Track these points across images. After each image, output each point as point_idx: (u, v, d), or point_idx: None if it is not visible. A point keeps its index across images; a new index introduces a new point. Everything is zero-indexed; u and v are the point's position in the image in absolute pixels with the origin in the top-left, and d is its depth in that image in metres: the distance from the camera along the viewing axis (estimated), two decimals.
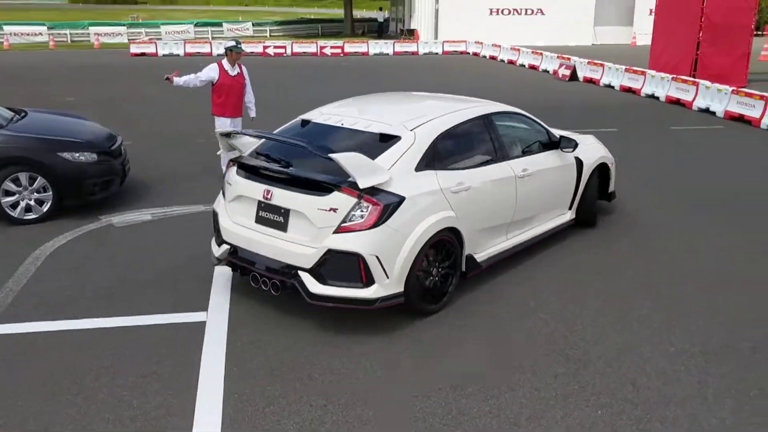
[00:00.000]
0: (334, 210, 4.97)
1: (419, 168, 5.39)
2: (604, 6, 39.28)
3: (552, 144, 6.91)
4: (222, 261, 5.71)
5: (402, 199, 5.06)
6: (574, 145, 7.03)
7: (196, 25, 44.57)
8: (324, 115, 6.23)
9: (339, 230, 4.96)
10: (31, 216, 7.65)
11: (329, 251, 4.97)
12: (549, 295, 5.87)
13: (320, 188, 5.05)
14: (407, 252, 5.08)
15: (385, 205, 4.97)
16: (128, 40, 38.16)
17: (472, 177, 5.76)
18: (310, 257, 5.03)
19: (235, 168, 5.71)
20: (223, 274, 6.13)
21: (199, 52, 31.82)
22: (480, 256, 5.94)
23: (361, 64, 28.32)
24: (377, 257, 4.96)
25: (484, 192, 5.84)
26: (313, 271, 5.03)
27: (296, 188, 5.16)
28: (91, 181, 7.84)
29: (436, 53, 33.97)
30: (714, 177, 10.16)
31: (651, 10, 28.54)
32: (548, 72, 24.49)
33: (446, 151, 5.72)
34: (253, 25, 47.32)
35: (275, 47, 32.55)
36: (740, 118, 14.74)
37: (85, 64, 27.05)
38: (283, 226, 5.25)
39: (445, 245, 5.46)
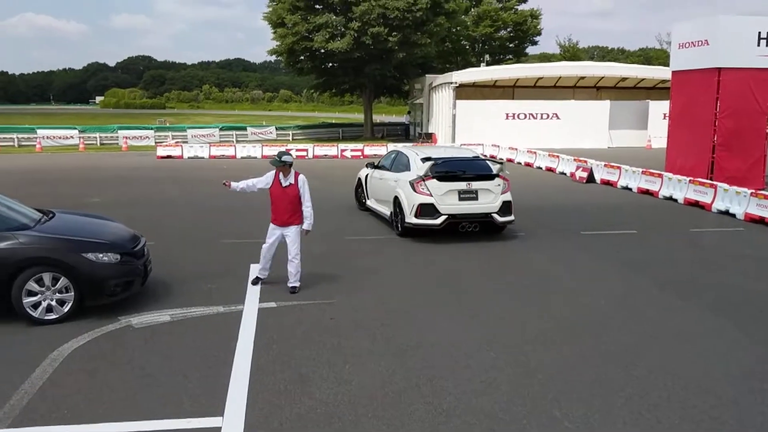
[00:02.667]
0: (498, 185, 12.56)
1: None
2: (619, 110, 40.15)
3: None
4: (443, 224, 12.28)
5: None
6: None
7: (221, 129, 46.13)
8: (432, 155, 13.12)
9: (502, 193, 12.58)
10: (52, 316, 7.67)
11: (504, 202, 12.57)
12: None
13: (490, 178, 12.63)
14: None
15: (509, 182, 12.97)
16: (155, 143, 39.51)
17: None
18: (496, 206, 12.46)
19: (432, 181, 12.30)
20: (240, 379, 6.05)
21: (223, 155, 32.76)
22: None
23: None
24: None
25: None
26: (499, 212, 12.47)
27: (480, 180, 12.50)
28: (113, 282, 7.91)
29: None
30: (735, 278, 10.01)
31: (665, 115, 29.09)
32: (565, 174, 24.78)
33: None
34: (276, 129, 48.88)
35: (297, 150, 33.42)
36: (761, 221, 14.68)
37: (113, 166, 27.91)
38: (476, 198, 12.44)
39: None
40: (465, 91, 40.41)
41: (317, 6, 42.72)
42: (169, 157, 32.07)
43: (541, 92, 42.99)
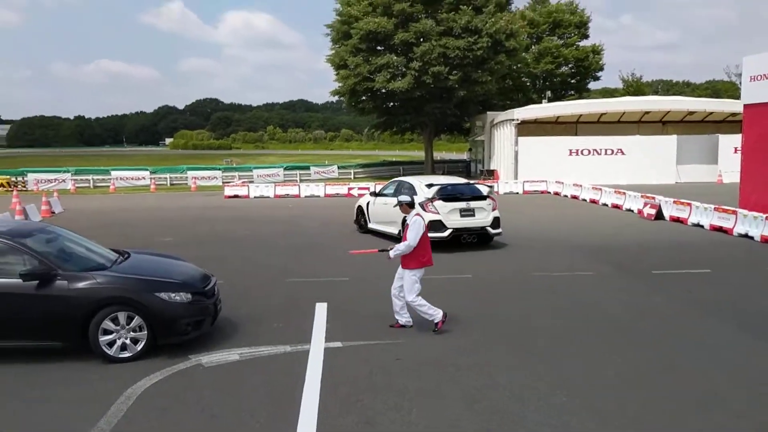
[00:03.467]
0: (489, 204, 15.85)
1: None
2: (687, 145, 39.13)
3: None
4: (449, 237, 15.26)
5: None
6: None
7: (285, 168, 47.17)
8: (434, 182, 16.51)
9: (492, 210, 15.91)
10: (126, 354, 7.89)
11: (494, 218, 15.93)
12: None
13: (483, 198, 15.94)
14: None
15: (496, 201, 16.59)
16: (222, 183, 40.69)
17: None
18: (489, 221, 15.78)
19: (438, 202, 15.37)
20: (307, 422, 6.07)
21: (288, 194, 33.45)
22: None
23: None
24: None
25: None
26: (491, 226, 15.84)
27: (475, 201, 15.78)
28: (185, 321, 8.09)
29: (517, 192, 34.37)
30: None
31: (736, 149, 28.20)
32: (632, 211, 24.18)
33: None
34: (338, 167, 49.65)
35: (359, 188, 33.81)
36: None
37: (182, 205, 28.81)
38: (473, 215, 15.65)
39: None
40: (527, 128, 40.23)
41: (378, 47, 43.52)
42: (236, 196, 32.92)
43: (604, 128, 42.42)
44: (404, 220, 9.88)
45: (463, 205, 15.77)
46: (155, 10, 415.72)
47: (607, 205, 26.80)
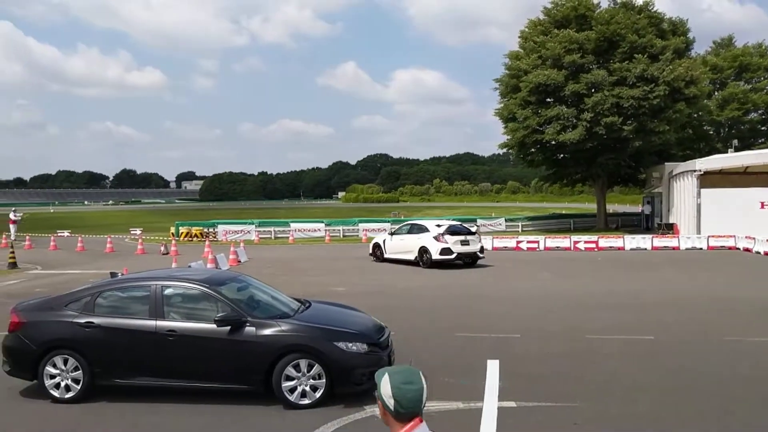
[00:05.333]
0: (476, 237, 25.42)
1: None
2: None
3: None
4: (455, 259, 23.82)
5: None
6: None
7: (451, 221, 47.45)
8: (441, 223, 25.76)
9: (479, 242, 25.20)
10: (305, 401, 8.22)
11: (481, 246, 25.12)
12: None
13: (473, 233, 25.59)
14: None
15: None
16: None
17: None
18: (478, 249, 24.71)
19: (447, 236, 23.74)
20: None
21: None
22: None
23: (618, 259, 27.55)
24: None
25: None
26: (479, 252, 24.86)
27: (469, 235, 24.80)
28: (360, 371, 8.31)
29: (700, 248, 31.89)
30: None
31: None
32: None
33: None
34: (505, 220, 49.17)
35: (528, 242, 33.18)
36: None
37: (355, 256, 29.87)
38: (468, 245, 24.28)
39: None
40: (710, 179, 37.39)
41: (548, 99, 43.07)
42: None
43: None
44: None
45: (462, 238, 24.31)
46: (330, 72, 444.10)
47: None
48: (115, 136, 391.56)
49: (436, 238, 23.65)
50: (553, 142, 42.69)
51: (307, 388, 8.25)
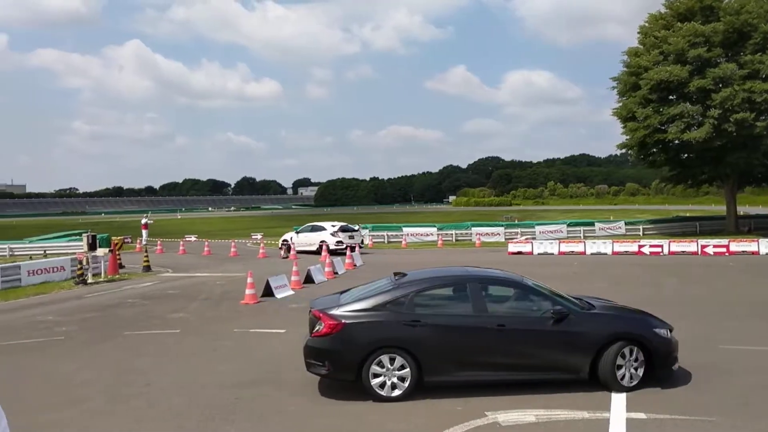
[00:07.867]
0: (360, 233, 37.80)
1: None
2: None
3: None
4: (346, 247, 32.52)
5: None
6: None
7: (568, 225, 46.25)
8: (335, 223, 37.50)
9: (361, 236, 38.42)
10: (633, 383, 8.86)
11: (361, 239, 38.09)
12: None
13: (357, 230, 37.45)
14: None
15: None
16: (505, 239, 41.23)
17: None
18: (359, 241, 36.54)
19: (340, 233, 35.20)
20: None
21: (572, 251, 32.69)
22: None
23: (752, 264, 25.76)
24: None
25: None
26: (360, 243, 36.24)
27: (354, 232, 36.43)
28: (675, 354, 9.12)
29: None
30: None
31: None
32: None
33: None
34: (625, 224, 47.27)
35: (651, 246, 31.72)
36: None
37: (469, 261, 29.70)
38: (353, 238, 35.39)
39: None
40: None
41: (671, 97, 41.05)
42: (519, 253, 33.11)
43: None
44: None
45: (350, 233, 34.93)
46: (440, 76, 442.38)
47: None
48: (235, 144, 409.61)
49: (333, 234, 34.37)
50: (677, 142, 40.63)
51: (634, 372, 8.80)
